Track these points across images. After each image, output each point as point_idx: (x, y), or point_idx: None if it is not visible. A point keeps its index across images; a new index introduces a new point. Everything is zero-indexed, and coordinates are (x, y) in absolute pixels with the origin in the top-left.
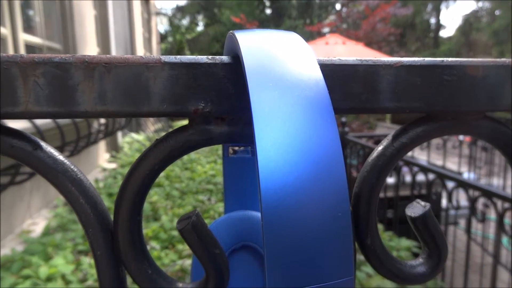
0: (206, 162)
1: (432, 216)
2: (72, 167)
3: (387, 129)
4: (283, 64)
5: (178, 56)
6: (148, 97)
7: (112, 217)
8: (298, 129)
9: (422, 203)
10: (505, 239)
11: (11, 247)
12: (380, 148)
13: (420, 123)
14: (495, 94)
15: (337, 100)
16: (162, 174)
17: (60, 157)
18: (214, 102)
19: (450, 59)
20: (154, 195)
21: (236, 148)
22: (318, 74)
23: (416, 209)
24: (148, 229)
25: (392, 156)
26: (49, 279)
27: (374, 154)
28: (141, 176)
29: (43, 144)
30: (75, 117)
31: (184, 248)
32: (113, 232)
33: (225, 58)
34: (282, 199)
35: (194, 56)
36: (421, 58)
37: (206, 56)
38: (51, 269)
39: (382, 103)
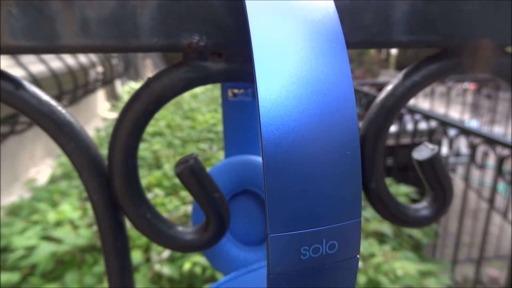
0: (207, 111)
1: (440, 159)
2: (59, 108)
3: (390, 77)
4: None
5: None
6: (136, 29)
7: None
8: (304, 57)
9: (430, 146)
10: (501, 186)
11: (18, 194)
12: (389, 87)
13: (435, 59)
14: None
15: (346, 32)
16: (163, 123)
17: (46, 97)
18: (210, 35)
19: None
20: (156, 144)
21: (236, 90)
22: None
23: (423, 152)
24: (151, 176)
25: (402, 96)
26: (58, 224)
27: (383, 94)
28: (134, 117)
29: (26, 83)
30: (57, 52)
31: (187, 194)
32: (108, 177)
33: None
34: (285, 134)
35: None
36: None
37: None
38: (58, 215)
39: (395, 36)
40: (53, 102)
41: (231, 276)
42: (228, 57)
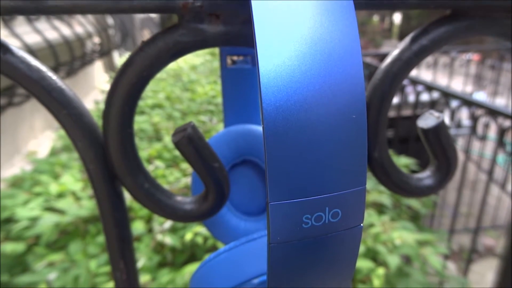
0: (206, 83)
1: (445, 127)
2: (49, 74)
3: (393, 47)
4: None
5: None
6: None
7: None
8: (307, 15)
9: (436, 114)
10: (500, 158)
11: (20, 166)
12: (395, 52)
13: (444, 22)
14: None
15: None
16: (162, 95)
17: (35, 63)
18: None
19: None
20: (155, 116)
21: (235, 57)
22: None
23: (428, 120)
24: (151, 149)
25: (409, 61)
26: (60, 195)
27: (388, 59)
28: (129, 84)
29: (13, 48)
30: (45, 12)
31: (188, 166)
32: (104, 146)
33: None
34: (287, 97)
35: None
36: None
37: None
38: (60, 186)
39: None
40: (43, 68)
41: (231, 245)
42: (226, 19)
